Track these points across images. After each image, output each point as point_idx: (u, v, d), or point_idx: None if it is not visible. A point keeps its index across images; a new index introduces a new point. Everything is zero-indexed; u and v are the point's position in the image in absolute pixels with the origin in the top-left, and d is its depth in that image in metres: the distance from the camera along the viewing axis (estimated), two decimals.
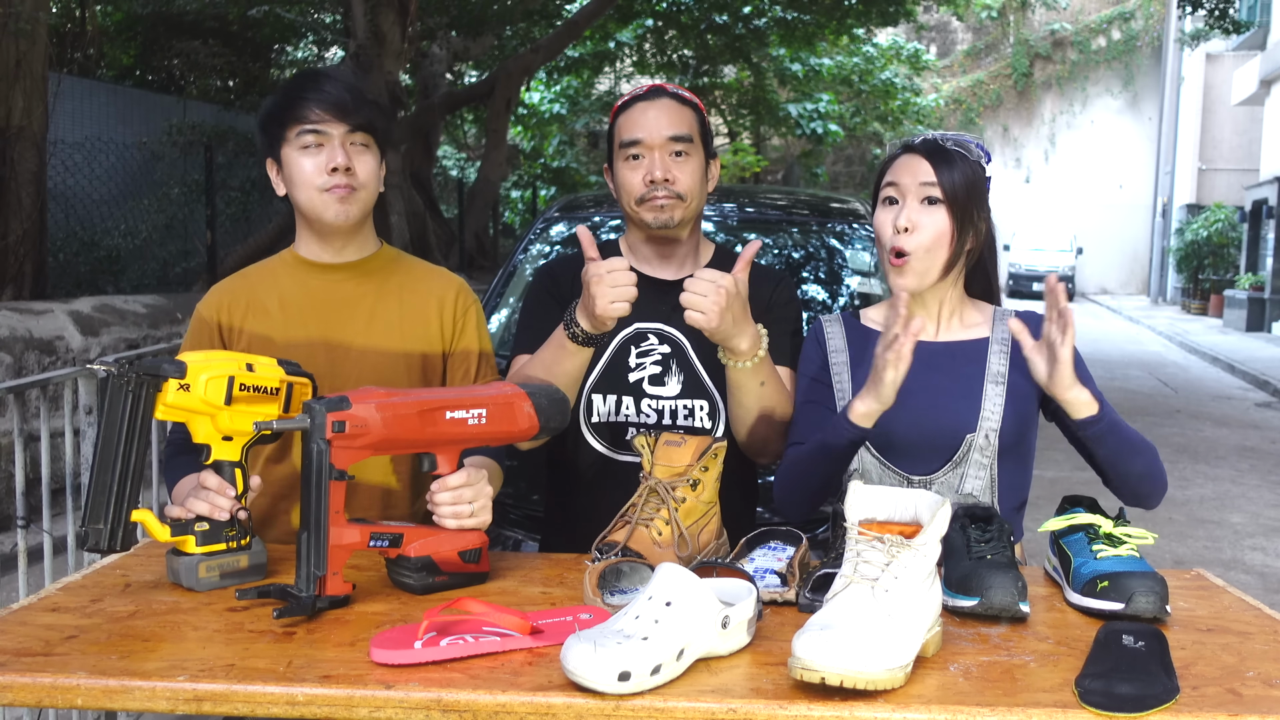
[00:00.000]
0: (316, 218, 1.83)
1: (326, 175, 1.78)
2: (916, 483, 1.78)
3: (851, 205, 4.30)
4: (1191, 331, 18.04)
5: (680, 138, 1.92)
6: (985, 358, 1.80)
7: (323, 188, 1.79)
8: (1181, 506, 6.37)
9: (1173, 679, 1.24)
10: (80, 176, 8.23)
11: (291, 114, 1.79)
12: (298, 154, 1.79)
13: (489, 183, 13.63)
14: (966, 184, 1.73)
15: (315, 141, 1.78)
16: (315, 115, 1.78)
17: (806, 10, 14.14)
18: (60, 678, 1.22)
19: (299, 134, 1.78)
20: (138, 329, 6.52)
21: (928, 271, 1.75)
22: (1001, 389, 1.76)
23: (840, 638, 1.19)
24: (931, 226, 1.72)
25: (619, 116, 1.97)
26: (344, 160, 1.78)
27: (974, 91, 29.76)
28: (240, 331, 1.85)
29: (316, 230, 1.86)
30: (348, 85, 1.81)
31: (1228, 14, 12.49)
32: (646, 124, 1.92)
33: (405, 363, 1.89)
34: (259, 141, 1.87)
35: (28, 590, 3.03)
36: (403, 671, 1.24)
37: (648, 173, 1.90)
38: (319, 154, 1.79)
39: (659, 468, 1.69)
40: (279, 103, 1.82)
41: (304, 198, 1.81)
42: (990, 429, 1.75)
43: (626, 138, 1.93)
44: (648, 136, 1.91)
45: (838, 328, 1.90)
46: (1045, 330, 1.62)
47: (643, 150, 1.91)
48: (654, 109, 1.93)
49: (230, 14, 11.11)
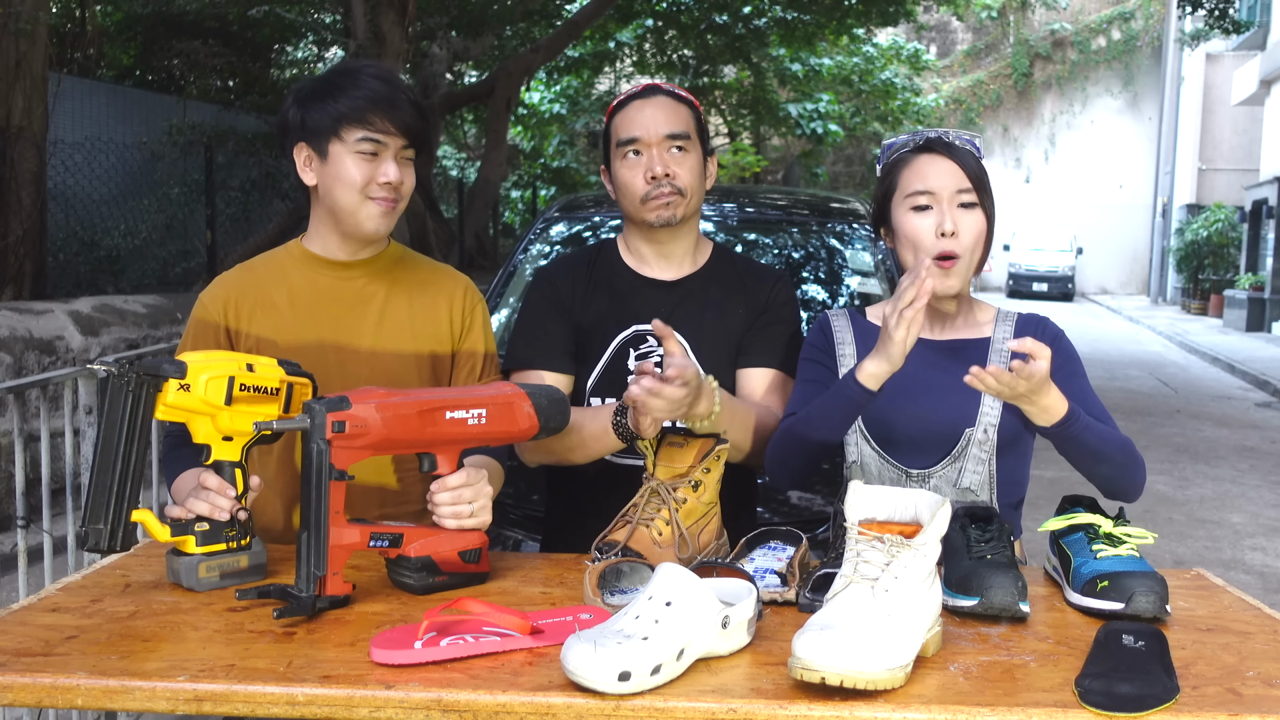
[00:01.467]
0: (354, 223, 1.79)
1: (377, 185, 1.76)
2: (915, 476, 1.79)
3: (851, 205, 4.30)
4: (1191, 331, 18.04)
5: (678, 135, 1.91)
6: (987, 356, 1.81)
7: (370, 196, 1.77)
8: (1181, 506, 6.37)
9: (1173, 679, 1.24)
10: (80, 176, 8.23)
11: (357, 115, 1.73)
12: (351, 156, 1.75)
13: (489, 183, 13.63)
14: (987, 183, 1.77)
15: (372, 150, 1.75)
16: (381, 125, 1.74)
17: (806, 10, 14.14)
18: (60, 678, 1.22)
19: (360, 139, 1.74)
20: (138, 329, 6.53)
21: (968, 272, 1.78)
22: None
23: (840, 638, 1.19)
24: (973, 228, 1.75)
25: (615, 116, 1.97)
26: (398, 176, 1.77)
27: (974, 91, 29.77)
28: (248, 330, 1.83)
29: (344, 230, 1.82)
30: (410, 97, 1.79)
31: (1228, 14, 12.49)
32: (644, 122, 1.91)
33: (415, 363, 1.88)
34: (291, 118, 1.79)
35: (28, 590, 3.03)
36: (403, 671, 1.24)
37: (648, 169, 1.90)
38: (373, 162, 1.75)
39: (661, 468, 1.69)
40: (342, 97, 1.74)
41: (346, 200, 1.77)
42: (989, 424, 1.77)
43: (624, 136, 1.92)
44: (646, 134, 1.91)
45: (844, 322, 1.91)
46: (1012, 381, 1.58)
47: (641, 147, 1.91)
48: (650, 107, 1.93)
49: (230, 14, 11.11)
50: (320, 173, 1.78)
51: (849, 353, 1.87)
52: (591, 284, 2.02)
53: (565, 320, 2.00)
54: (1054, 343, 1.76)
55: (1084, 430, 1.64)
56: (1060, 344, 1.80)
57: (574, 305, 2.01)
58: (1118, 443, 1.70)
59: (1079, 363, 1.82)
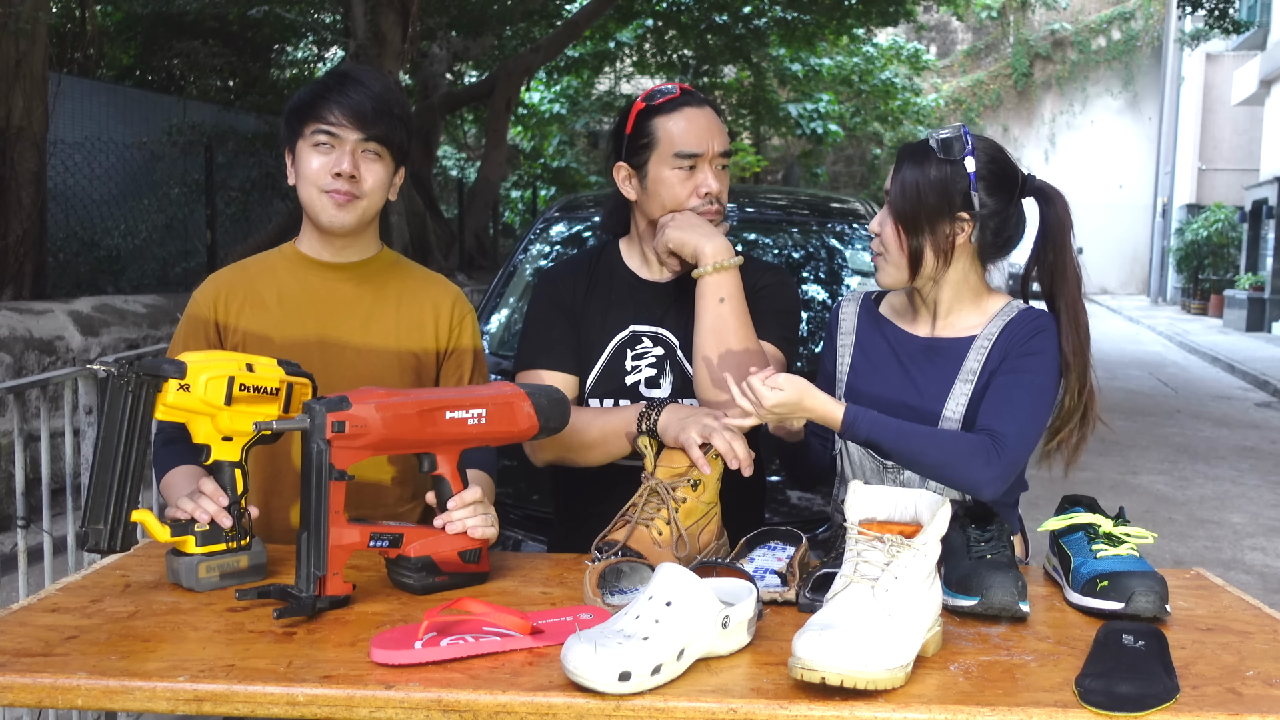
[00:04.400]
0: (314, 216, 1.84)
1: (330, 178, 1.79)
2: (890, 466, 1.80)
3: (851, 205, 4.30)
4: (1191, 331, 18.04)
5: (727, 152, 1.92)
6: (964, 356, 1.80)
7: (323, 189, 1.80)
8: (1181, 506, 6.37)
9: (1173, 678, 1.24)
10: (80, 176, 8.22)
11: (313, 111, 1.80)
12: (309, 150, 1.81)
13: (489, 183, 13.63)
14: (915, 188, 1.72)
15: (327, 142, 1.79)
16: (333, 118, 1.78)
17: (806, 10, 14.13)
18: (60, 678, 1.22)
19: (314, 132, 1.80)
20: (138, 329, 6.53)
21: (896, 271, 1.78)
22: (969, 387, 1.77)
23: (840, 638, 1.19)
24: (887, 231, 1.77)
25: (659, 118, 1.91)
26: (349, 167, 1.78)
27: (974, 91, 29.75)
28: (236, 325, 1.85)
29: (318, 230, 1.87)
30: (374, 94, 1.80)
31: (1228, 14, 12.48)
32: (704, 137, 1.89)
33: (399, 363, 1.89)
34: (282, 129, 1.87)
35: (28, 590, 3.03)
36: (403, 671, 1.24)
37: (703, 185, 1.88)
38: (328, 155, 1.80)
39: (661, 468, 1.69)
40: (305, 97, 1.83)
41: (305, 194, 1.83)
42: (951, 425, 1.76)
43: (686, 149, 1.88)
44: (707, 150, 1.88)
45: (852, 308, 1.93)
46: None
47: (699, 163, 1.89)
48: (704, 118, 1.90)
49: (230, 14, 11.10)
50: (295, 171, 1.84)
51: (847, 342, 1.89)
52: (591, 285, 2.02)
53: (568, 321, 2.00)
54: (1028, 338, 1.76)
55: (873, 435, 1.66)
56: (1032, 341, 1.75)
57: (575, 306, 2.01)
58: (927, 444, 1.67)
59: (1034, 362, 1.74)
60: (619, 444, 1.84)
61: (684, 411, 1.76)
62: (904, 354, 1.84)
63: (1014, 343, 1.76)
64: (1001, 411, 1.70)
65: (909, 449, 1.66)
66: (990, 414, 1.71)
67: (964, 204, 1.73)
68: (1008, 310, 1.83)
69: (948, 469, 1.67)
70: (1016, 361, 1.74)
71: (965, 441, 1.67)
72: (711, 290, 1.82)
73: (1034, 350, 1.75)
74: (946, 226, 1.74)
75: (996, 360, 1.76)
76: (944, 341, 1.82)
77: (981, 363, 1.78)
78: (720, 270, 1.82)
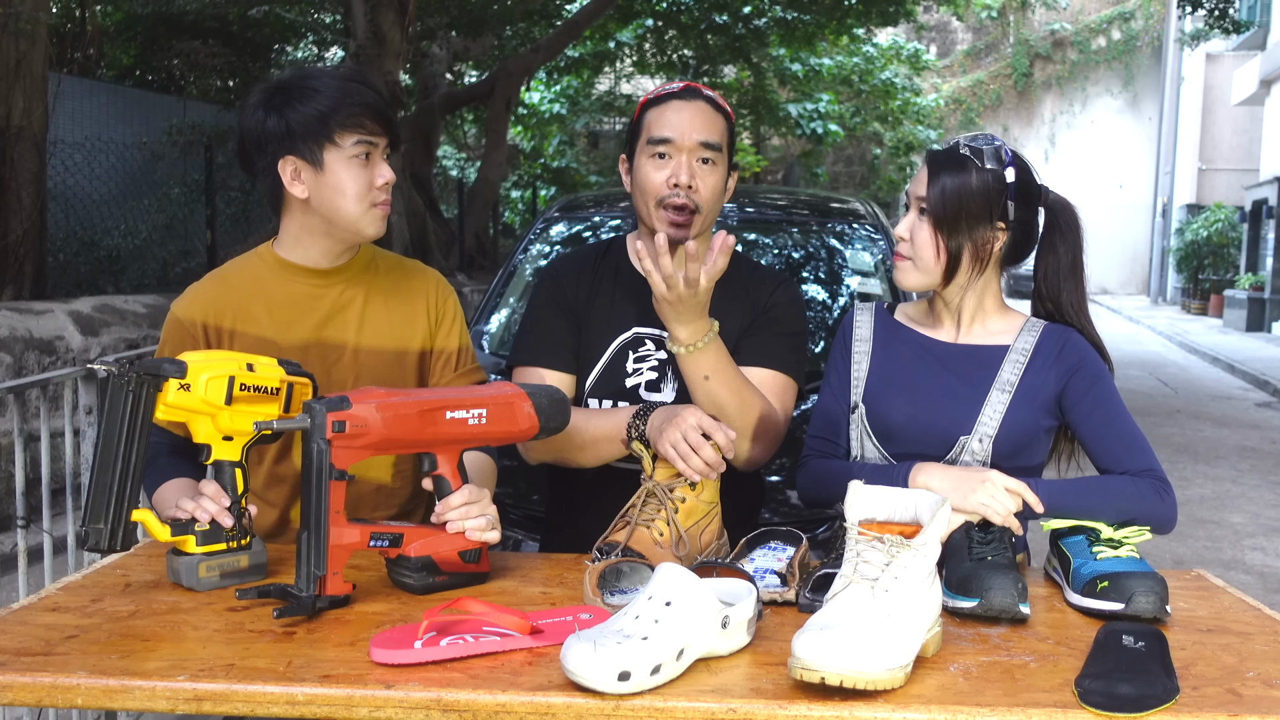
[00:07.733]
0: (356, 230, 1.76)
1: (377, 190, 1.74)
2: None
3: (851, 205, 4.30)
4: (1191, 331, 18.04)
5: (710, 145, 1.87)
6: (1000, 365, 1.80)
7: (374, 202, 1.74)
8: (1181, 506, 6.30)
9: (1173, 679, 1.24)
10: (80, 176, 8.22)
11: (349, 119, 1.70)
12: (347, 162, 1.71)
13: (489, 183, 13.63)
14: (957, 194, 1.73)
15: (365, 152, 1.73)
16: (370, 125, 1.71)
17: (806, 10, 14.13)
18: (60, 678, 1.22)
19: (355, 142, 1.71)
20: (138, 329, 6.53)
21: (924, 276, 1.79)
22: (1006, 397, 1.77)
23: (840, 638, 1.19)
24: (921, 236, 1.77)
25: (649, 110, 1.91)
26: (393, 176, 1.76)
27: (974, 91, 29.76)
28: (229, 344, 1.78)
29: (339, 238, 1.79)
30: (380, 93, 1.77)
31: (1228, 14, 12.48)
32: (680, 124, 1.86)
33: (398, 360, 1.87)
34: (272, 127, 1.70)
35: (28, 590, 3.03)
36: (403, 671, 1.24)
37: (673, 175, 1.85)
38: (367, 166, 1.73)
39: (660, 469, 1.69)
40: (327, 100, 1.70)
41: (350, 209, 1.73)
42: (985, 434, 1.76)
43: (657, 134, 1.87)
44: (679, 137, 1.86)
45: (867, 317, 1.93)
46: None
47: (671, 150, 1.86)
48: (689, 109, 1.88)
49: (230, 14, 11.10)
50: (314, 183, 1.73)
51: (864, 349, 1.88)
52: (594, 284, 2.00)
53: (568, 319, 1.98)
54: (1079, 361, 1.77)
55: (1052, 500, 1.67)
56: (1086, 363, 1.78)
57: (577, 304, 1.99)
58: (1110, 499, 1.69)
59: (1107, 382, 1.79)
60: (611, 447, 1.83)
61: (666, 414, 1.71)
62: (935, 358, 1.83)
63: (1068, 367, 1.78)
64: (1129, 447, 1.74)
65: (1092, 505, 1.67)
66: (1119, 454, 1.74)
67: (1001, 213, 1.76)
68: (1032, 325, 1.84)
69: (1140, 519, 1.68)
70: (1092, 390, 1.76)
71: (1136, 487, 1.70)
72: (693, 370, 1.78)
73: (1097, 375, 1.79)
74: (985, 234, 1.76)
75: (1038, 376, 1.77)
76: (975, 348, 1.83)
77: (1019, 376, 1.78)
78: (695, 351, 1.75)
